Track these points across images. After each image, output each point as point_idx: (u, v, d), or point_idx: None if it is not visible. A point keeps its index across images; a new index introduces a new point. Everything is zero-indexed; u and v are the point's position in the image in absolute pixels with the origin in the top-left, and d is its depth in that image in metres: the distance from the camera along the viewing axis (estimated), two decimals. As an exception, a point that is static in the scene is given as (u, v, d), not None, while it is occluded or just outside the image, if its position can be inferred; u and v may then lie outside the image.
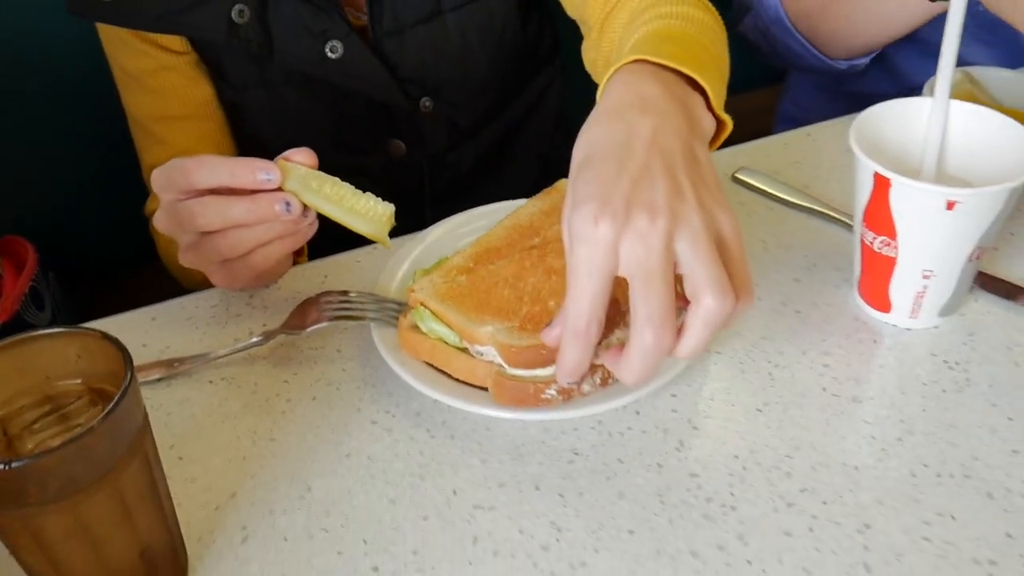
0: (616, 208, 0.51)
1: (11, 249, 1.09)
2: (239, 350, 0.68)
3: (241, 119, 0.98)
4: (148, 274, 1.05)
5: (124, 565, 0.49)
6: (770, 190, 0.81)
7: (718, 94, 0.62)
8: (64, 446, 0.42)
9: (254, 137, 0.98)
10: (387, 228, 0.65)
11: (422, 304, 0.64)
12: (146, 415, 0.48)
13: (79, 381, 0.49)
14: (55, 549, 0.46)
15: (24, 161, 1.16)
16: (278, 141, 0.95)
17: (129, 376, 0.45)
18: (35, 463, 0.42)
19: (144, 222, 1.01)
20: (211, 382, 0.67)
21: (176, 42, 0.92)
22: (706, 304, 0.52)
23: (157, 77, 0.93)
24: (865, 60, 1.03)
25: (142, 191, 1.00)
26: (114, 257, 1.16)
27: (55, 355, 0.48)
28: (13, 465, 0.41)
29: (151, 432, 0.49)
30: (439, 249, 0.73)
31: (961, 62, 0.88)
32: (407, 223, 0.75)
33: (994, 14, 0.85)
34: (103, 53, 0.96)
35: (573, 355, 0.54)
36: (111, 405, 0.44)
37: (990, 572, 0.53)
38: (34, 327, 0.94)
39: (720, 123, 0.63)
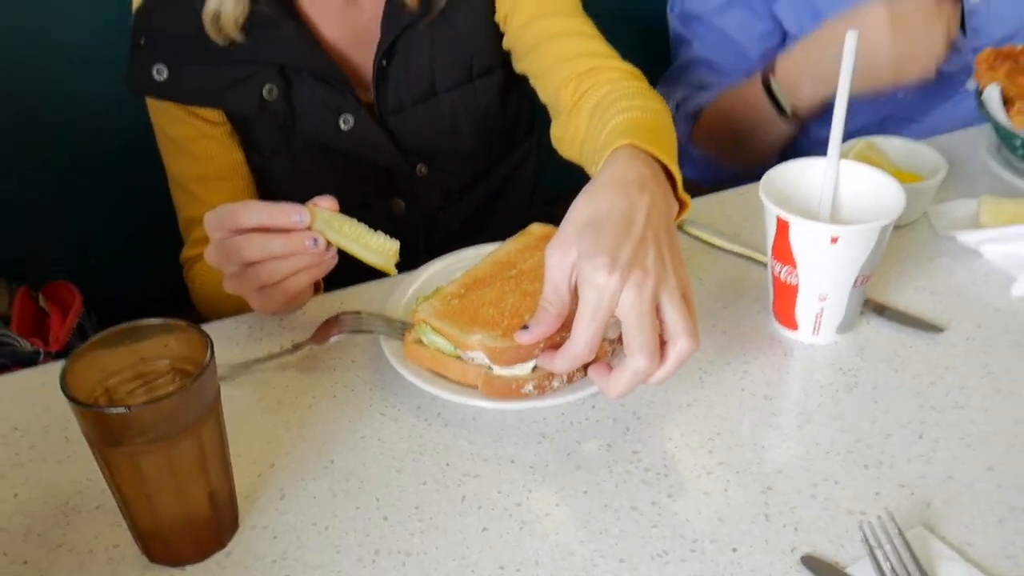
0: (623, 265, 0.69)
1: (57, 293, 1.25)
2: (273, 357, 0.84)
3: (266, 180, 1.15)
4: (180, 317, 1.20)
5: (197, 503, 0.64)
6: (708, 238, 0.99)
7: (681, 180, 0.81)
8: (167, 397, 0.58)
9: (276, 195, 1.15)
10: (394, 261, 0.82)
11: (424, 321, 0.80)
12: (219, 387, 0.64)
13: (167, 362, 0.64)
14: (150, 483, 0.61)
15: (74, 214, 1.32)
16: (297, 199, 1.12)
17: (210, 353, 0.61)
18: (148, 408, 0.57)
19: (178, 269, 1.17)
20: (251, 384, 0.83)
21: (214, 114, 1.09)
22: (681, 344, 0.70)
23: (197, 143, 1.11)
24: None
25: (177, 242, 1.17)
26: (150, 300, 1.32)
27: (151, 341, 0.64)
28: (133, 409, 0.57)
29: (221, 401, 0.64)
30: (436, 281, 0.89)
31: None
32: (405, 272, 0.92)
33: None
34: (145, 124, 1.13)
35: (567, 367, 0.72)
36: (199, 372, 0.60)
37: (860, 519, 0.68)
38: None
39: (681, 202, 0.82)
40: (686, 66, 1.39)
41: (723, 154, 1.35)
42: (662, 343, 0.71)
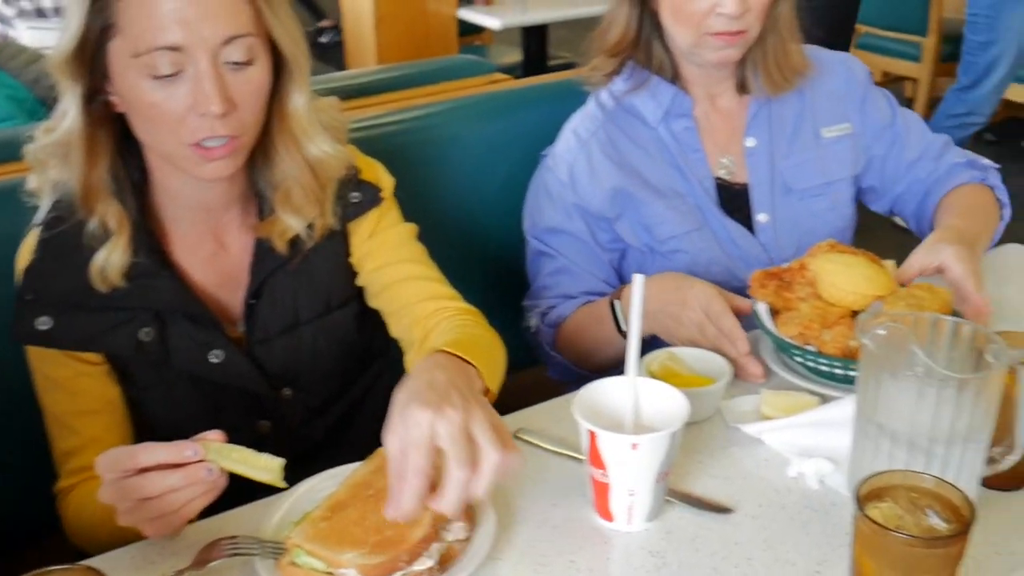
0: (434, 405, 0.90)
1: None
2: (158, 585, 0.93)
3: (141, 409, 1.25)
4: (49, 547, 1.25)
5: None
6: (540, 443, 1.15)
7: (483, 370, 1.02)
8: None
9: (150, 423, 1.25)
10: (280, 475, 0.95)
11: (297, 545, 0.92)
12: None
13: (68, 601, 0.74)
14: None
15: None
16: (170, 426, 1.23)
17: (111, 591, 0.72)
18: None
19: (51, 499, 1.24)
20: (136, 610, 0.92)
21: (93, 356, 1.20)
22: (490, 456, 0.89)
23: (75, 382, 1.20)
24: None
25: (50, 472, 1.23)
26: (22, 530, 1.37)
27: (54, 585, 0.74)
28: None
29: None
30: (301, 503, 1.01)
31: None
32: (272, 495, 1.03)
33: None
34: (18, 363, 1.21)
35: (408, 499, 0.89)
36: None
37: None
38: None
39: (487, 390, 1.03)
40: (551, 278, 1.54)
41: (580, 361, 1.49)
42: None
